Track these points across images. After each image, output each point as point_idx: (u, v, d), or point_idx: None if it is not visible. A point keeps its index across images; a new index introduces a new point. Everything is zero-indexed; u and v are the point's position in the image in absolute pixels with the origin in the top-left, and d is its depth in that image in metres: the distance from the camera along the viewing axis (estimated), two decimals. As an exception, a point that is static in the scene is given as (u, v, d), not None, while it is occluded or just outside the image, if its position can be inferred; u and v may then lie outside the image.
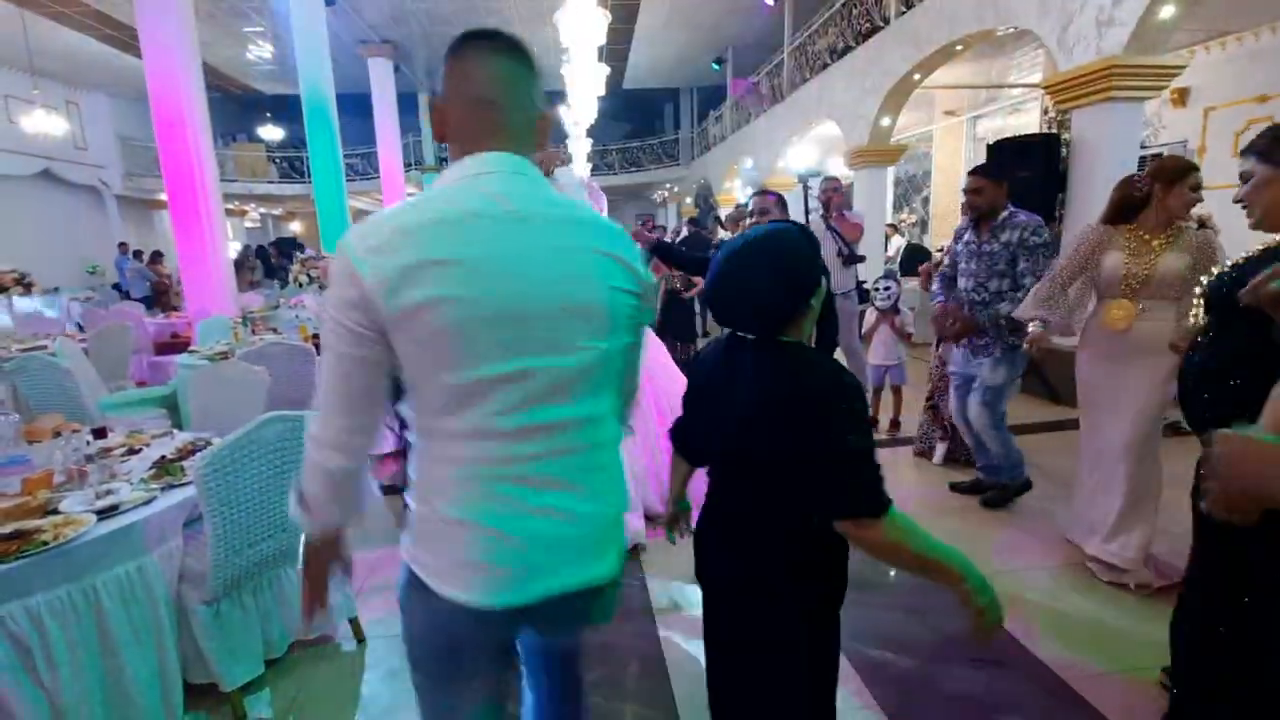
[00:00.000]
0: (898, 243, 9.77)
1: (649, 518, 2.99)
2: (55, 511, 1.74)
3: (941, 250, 10.47)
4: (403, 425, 1.02)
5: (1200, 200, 2.37)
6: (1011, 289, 2.86)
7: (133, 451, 2.31)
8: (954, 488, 3.40)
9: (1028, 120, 9.73)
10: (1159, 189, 2.29)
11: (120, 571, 1.70)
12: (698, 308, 7.88)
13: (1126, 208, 2.37)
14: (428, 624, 1.01)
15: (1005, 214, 2.90)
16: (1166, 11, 4.05)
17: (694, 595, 2.51)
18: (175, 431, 2.58)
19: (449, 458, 0.94)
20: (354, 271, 0.86)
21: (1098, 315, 2.45)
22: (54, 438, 2.25)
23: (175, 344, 6.45)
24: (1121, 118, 4.41)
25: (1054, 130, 8.67)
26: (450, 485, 0.95)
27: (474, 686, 1.04)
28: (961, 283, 3.08)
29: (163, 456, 2.21)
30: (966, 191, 2.96)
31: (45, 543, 1.56)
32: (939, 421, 3.80)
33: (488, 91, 0.97)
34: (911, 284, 7.30)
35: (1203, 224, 6.41)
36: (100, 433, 2.55)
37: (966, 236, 3.06)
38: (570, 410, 0.96)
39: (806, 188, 4.67)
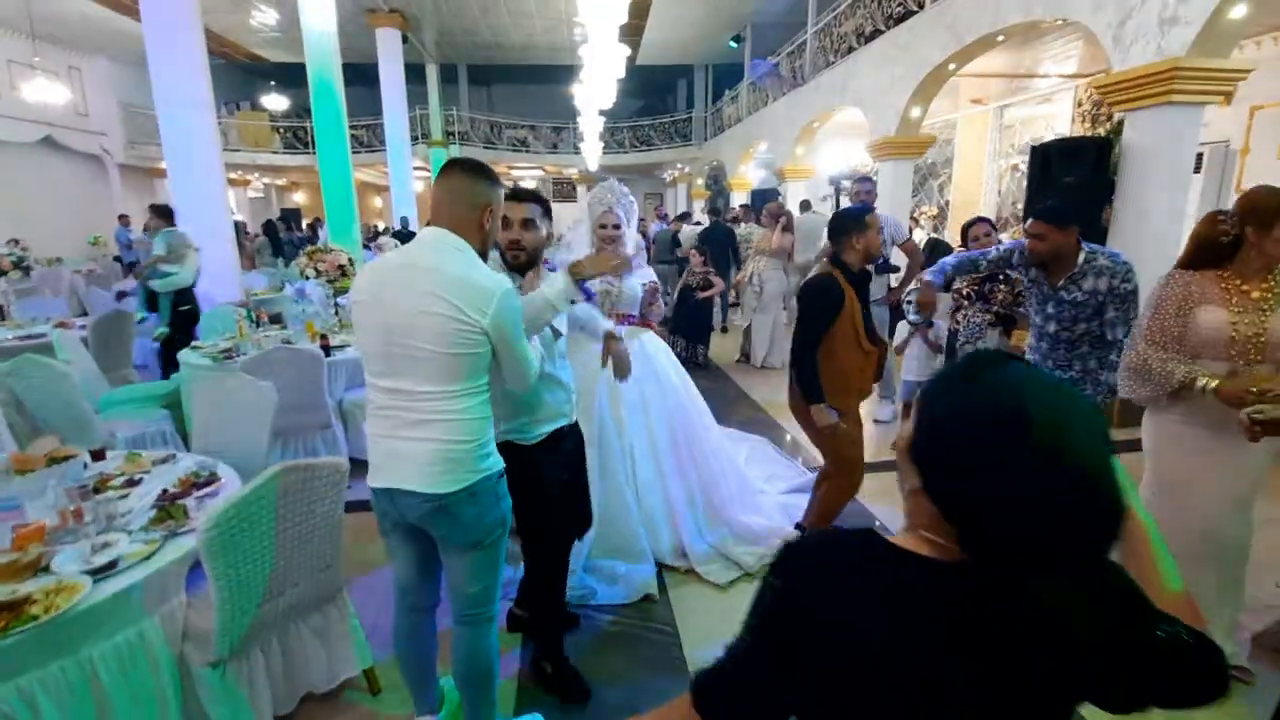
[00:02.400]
0: (919, 236, 9.49)
1: (666, 567, 2.82)
2: (46, 569, 1.58)
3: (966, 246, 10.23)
4: None
5: None
6: (1098, 337, 2.58)
7: (132, 482, 2.14)
8: None
9: (1057, 111, 9.39)
10: (1251, 233, 1.90)
11: (119, 640, 1.55)
12: (716, 306, 7.67)
13: (1211, 251, 1.98)
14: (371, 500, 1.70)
15: (1083, 256, 2.53)
16: (1238, 11, 3.78)
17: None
18: (177, 454, 2.41)
19: (369, 399, 1.66)
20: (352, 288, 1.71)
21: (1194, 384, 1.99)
22: (48, 466, 2.08)
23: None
24: (1180, 122, 4.15)
25: (1089, 125, 8.42)
26: (369, 415, 1.67)
27: (390, 545, 1.75)
28: (1036, 320, 2.75)
29: (164, 491, 2.05)
30: (1028, 234, 2.59)
31: (36, 616, 1.40)
32: None
33: (437, 196, 1.65)
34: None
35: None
36: (98, 454, 2.40)
37: (1034, 272, 2.68)
38: (411, 384, 1.56)
39: (839, 191, 4.43)
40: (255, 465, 2.64)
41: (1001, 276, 3.28)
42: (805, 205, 8.90)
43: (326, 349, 3.82)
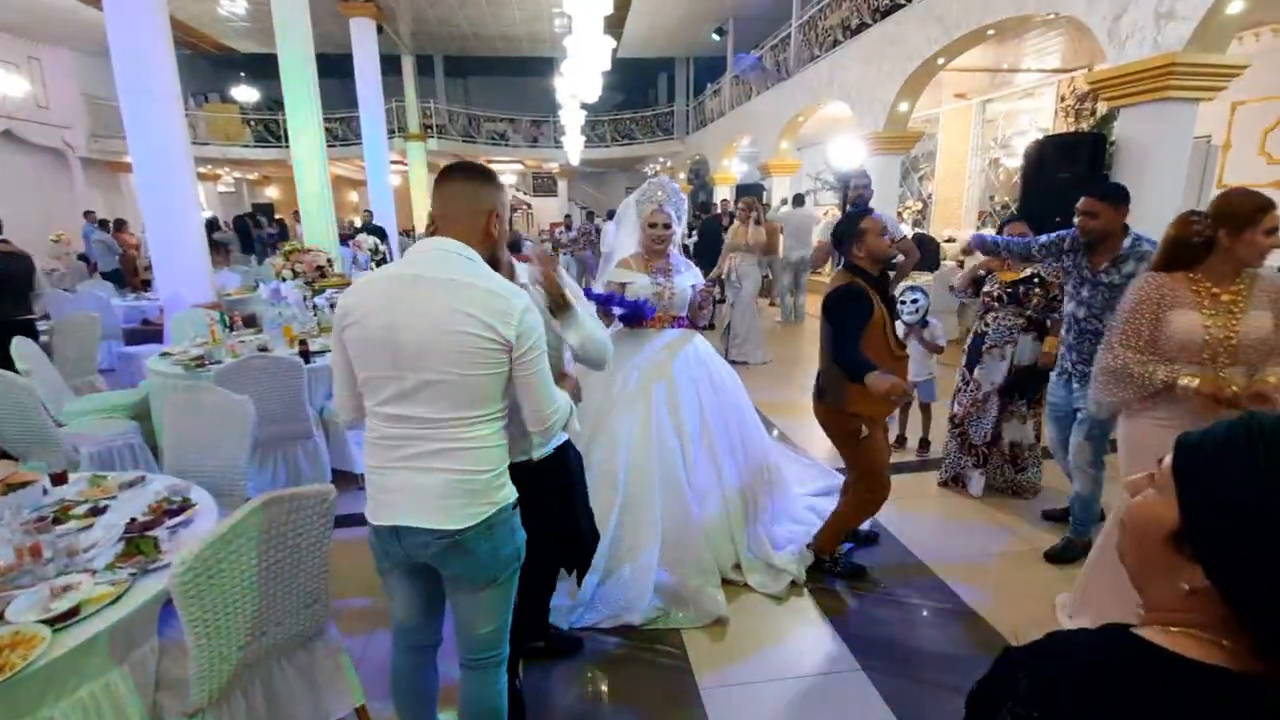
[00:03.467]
0: (904, 231, 9.48)
1: (726, 582, 2.67)
2: (1, 617, 1.43)
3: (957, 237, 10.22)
4: None
5: (1278, 245, 1.97)
6: None
7: (96, 510, 1.97)
8: (1046, 516, 3.26)
9: (1040, 105, 9.42)
10: (1224, 235, 1.90)
11: (83, 694, 1.40)
12: (717, 297, 7.54)
13: (1184, 253, 1.98)
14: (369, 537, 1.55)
15: (1128, 242, 2.56)
16: (1235, 6, 3.75)
17: (750, 684, 2.26)
18: (147, 476, 2.24)
19: (369, 427, 1.50)
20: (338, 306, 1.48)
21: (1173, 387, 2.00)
22: (4, 494, 1.91)
23: (147, 331, 6.02)
24: (1175, 118, 4.13)
25: (1072, 120, 8.43)
26: (367, 445, 1.51)
27: (389, 584, 1.60)
28: (1069, 307, 2.78)
29: (132, 521, 1.88)
30: (1078, 213, 2.62)
31: (-15, 676, 1.25)
32: (971, 450, 3.51)
33: (437, 204, 1.52)
34: (924, 277, 7.06)
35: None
36: (60, 478, 2.22)
37: (1076, 257, 2.71)
38: (428, 410, 1.41)
39: (848, 188, 4.34)
40: (234, 487, 2.48)
41: (1036, 279, 3.22)
42: (799, 200, 8.84)
43: (305, 355, 3.64)
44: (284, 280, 4.03)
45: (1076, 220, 2.63)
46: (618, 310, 2.63)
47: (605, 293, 2.66)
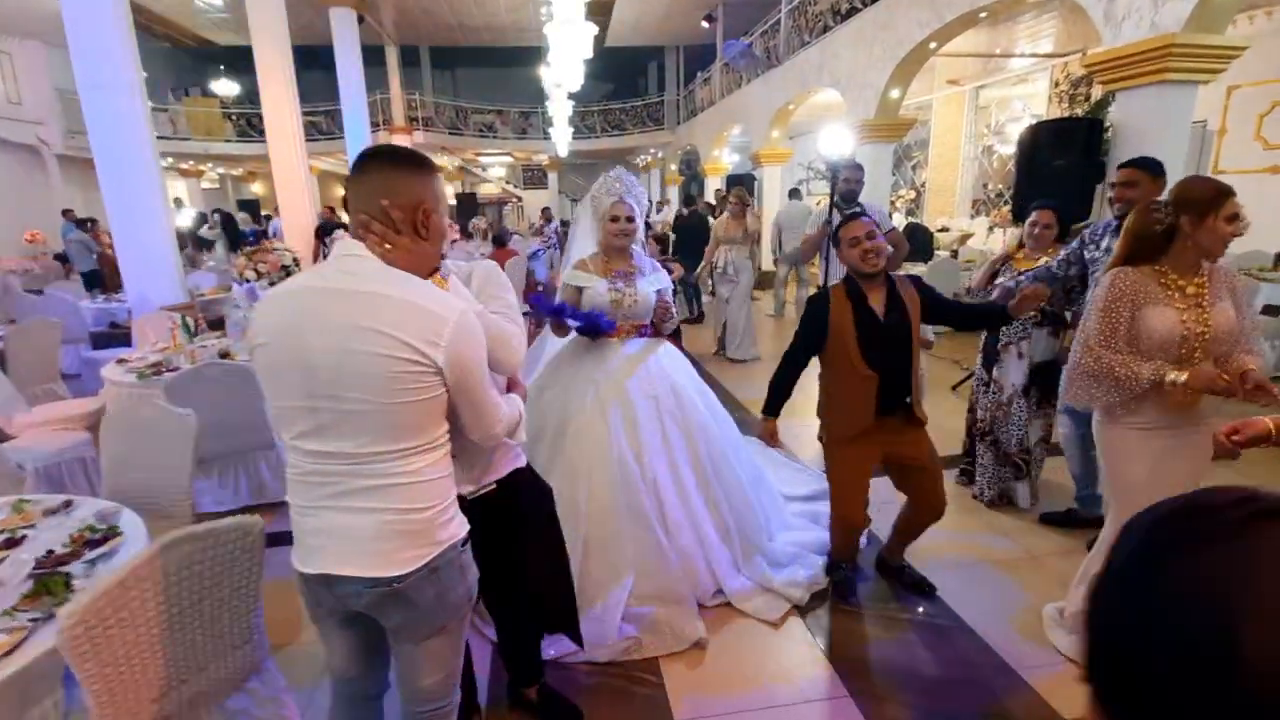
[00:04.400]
0: (895, 222, 9.32)
1: (702, 606, 2.50)
2: None
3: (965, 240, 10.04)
4: None
5: (1240, 233, 1.95)
6: None
7: (12, 542, 1.80)
8: (1045, 520, 3.12)
9: (1034, 91, 9.25)
10: (1186, 223, 1.82)
11: (-35, 762, 1.24)
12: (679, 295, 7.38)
13: (1146, 245, 1.90)
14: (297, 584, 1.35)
15: None
16: (1237, -16, 3.59)
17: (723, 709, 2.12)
18: (75, 500, 2.07)
19: (290, 462, 1.29)
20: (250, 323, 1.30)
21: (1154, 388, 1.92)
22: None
23: (115, 335, 5.82)
24: (1174, 101, 3.96)
25: (1066, 105, 8.27)
26: (289, 481, 1.30)
27: (324, 632, 1.41)
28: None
29: (49, 554, 1.72)
30: (1115, 185, 2.54)
31: None
32: (1007, 460, 3.19)
33: (353, 199, 1.29)
34: (918, 268, 6.91)
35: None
36: (-20, 503, 2.05)
37: (1107, 243, 2.61)
38: (351, 445, 1.21)
39: (835, 177, 4.17)
40: (177, 508, 2.32)
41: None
42: (794, 193, 8.66)
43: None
44: (247, 281, 3.85)
45: (1113, 193, 2.56)
46: (573, 323, 2.39)
47: (558, 303, 2.40)
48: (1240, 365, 1.87)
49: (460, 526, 1.36)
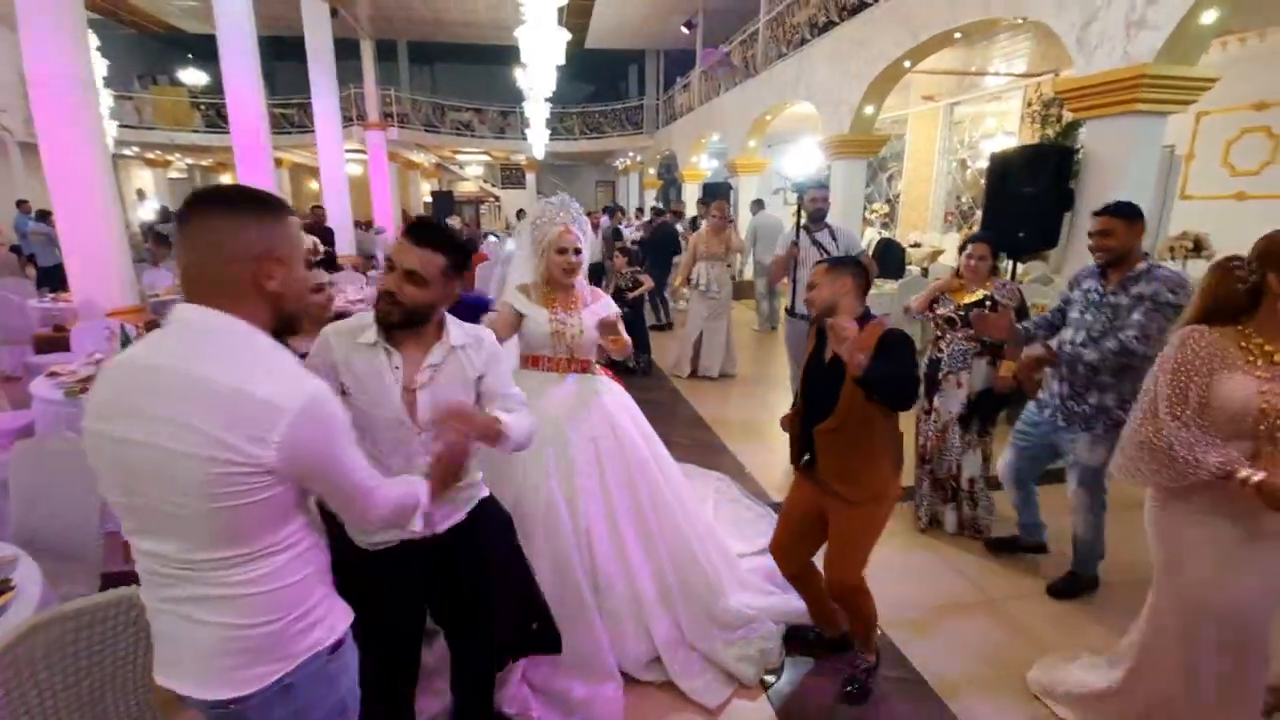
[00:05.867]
0: (869, 236, 9.33)
1: (631, 680, 2.21)
2: None
3: (918, 245, 10.07)
4: None
5: None
6: (1122, 367, 2.43)
7: (-118, 600, 1.63)
8: (991, 546, 3.11)
9: (1007, 109, 9.33)
10: (1275, 281, 1.57)
11: None
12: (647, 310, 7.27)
13: (1226, 305, 1.66)
14: None
15: (1144, 266, 2.44)
16: (1209, 16, 3.57)
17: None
18: (-34, 547, 1.89)
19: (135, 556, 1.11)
20: None
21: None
22: None
23: (58, 339, 5.53)
24: (1144, 132, 3.95)
25: (1038, 125, 8.34)
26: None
27: None
28: (1067, 334, 2.61)
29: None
30: (1092, 234, 2.48)
31: None
32: (939, 486, 3.29)
33: (179, 253, 1.07)
34: (888, 286, 6.88)
35: (1199, 245, 6.13)
36: None
37: (1087, 284, 2.60)
38: (175, 549, 1.04)
39: (801, 199, 4.11)
40: (87, 551, 2.15)
41: (989, 301, 3.01)
42: (759, 204, 8.62)
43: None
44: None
45: (1093, 243, 2.49)
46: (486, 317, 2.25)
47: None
48: None
49: (329, 631, 1.16)
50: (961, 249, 3.35)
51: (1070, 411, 2.59)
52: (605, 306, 2.38)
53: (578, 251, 2.26)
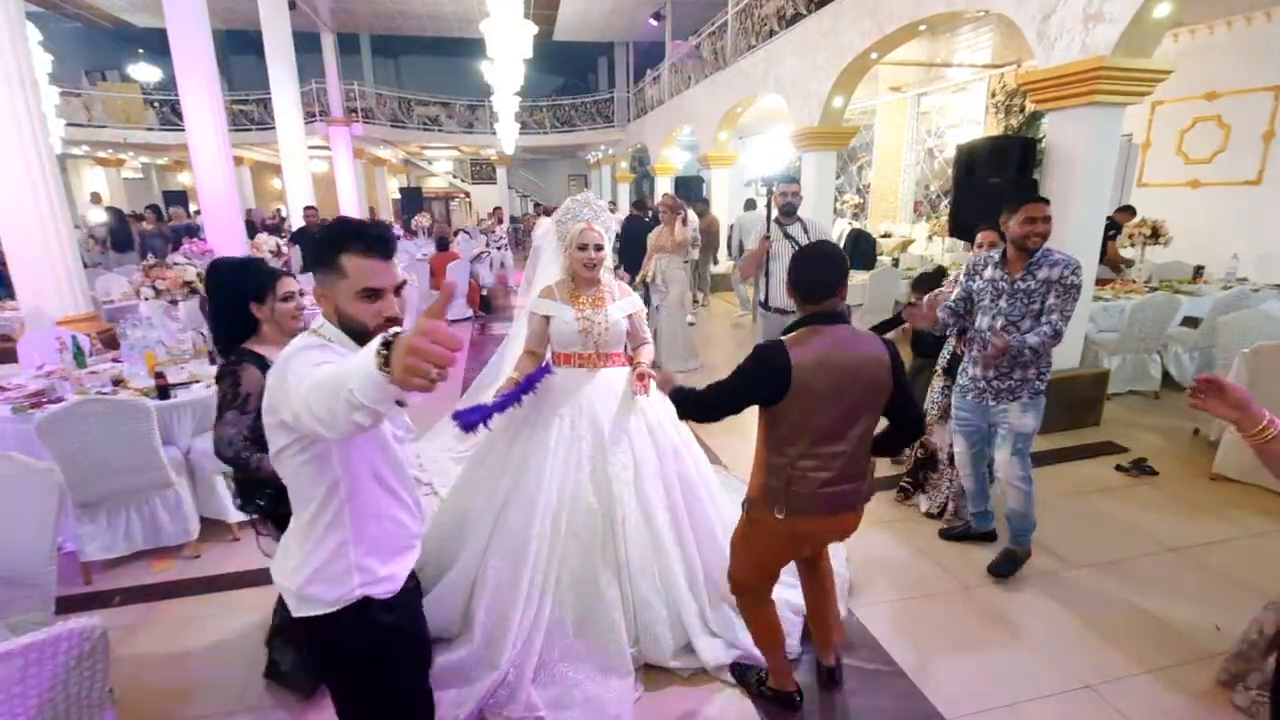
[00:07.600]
0: (841, 227, 9.40)
1: (657, 670, 2.25)
2: None
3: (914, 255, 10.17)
4: None
5: None
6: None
7: None
8: (945, 536, 3.19)
9: (972, 99, 9.45)
10: None
11: None
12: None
13: None
14: None
15: (1041, 250, 2.61)
16: (1162, 9, 3.64)
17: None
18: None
19: None
20: None
21: None
22: None
23: (4, 351, 5.30)
24: (1103, 122, 4.02)
25: (1002, 115, 8.47)
26: None
27: None
28: (984, 321, 2.75)
29: None
30: (1034, 221, 2.56)
31: None
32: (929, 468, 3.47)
33: None
34: (860, 277, 6.94)
35: (1156, 232, 6.27)
36: None
37: (990, 273, 2.74)
38: None
39: (770, 194, 4.12)
40: (38, 578, 2.06)
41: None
42: (750, 204, 8.65)
43: (164, 389, 3.17)
44: (145, 299, 3.52)
45: (1035, 229, 2.57)
46: (526, 397, 2.29)
47: (477, 412, 2.12)
48: None
49: None
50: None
51: (997, 390, 2.74)
52: (632, 303, 2.46)
53: (599, 248, 2.31)
